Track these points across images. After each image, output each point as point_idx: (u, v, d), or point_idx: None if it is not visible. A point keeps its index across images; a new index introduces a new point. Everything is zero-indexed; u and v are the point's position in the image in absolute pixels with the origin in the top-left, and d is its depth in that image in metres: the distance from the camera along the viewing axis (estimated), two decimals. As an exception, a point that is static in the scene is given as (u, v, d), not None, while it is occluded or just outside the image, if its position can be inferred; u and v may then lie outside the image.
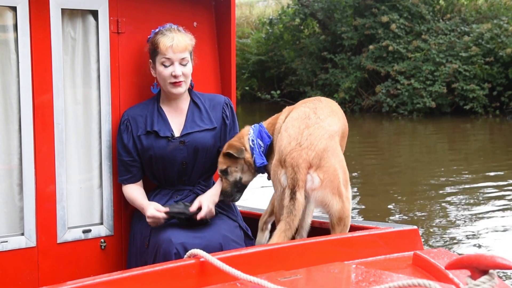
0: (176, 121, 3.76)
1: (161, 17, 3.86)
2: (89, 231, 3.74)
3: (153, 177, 3.80)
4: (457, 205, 8.73)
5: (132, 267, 3.52)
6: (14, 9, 3.47)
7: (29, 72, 3.51)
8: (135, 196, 3.73)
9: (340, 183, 3.29)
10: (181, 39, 3.66)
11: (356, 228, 3.44)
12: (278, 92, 19.79)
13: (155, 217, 3.58)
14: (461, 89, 17.09)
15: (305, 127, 3.32)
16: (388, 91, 17.91)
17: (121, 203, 3.83)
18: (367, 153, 12.80)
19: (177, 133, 3.74)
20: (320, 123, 3.34)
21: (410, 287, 2.27)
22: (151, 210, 3.59)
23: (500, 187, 9.61)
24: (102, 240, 3.78)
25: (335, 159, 3.30)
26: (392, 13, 18.31)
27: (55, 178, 3.61)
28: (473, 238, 7.26)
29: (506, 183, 9.83)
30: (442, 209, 8.54)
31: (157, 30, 3.72)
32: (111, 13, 3.74)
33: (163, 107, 3.78)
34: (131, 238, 3.79)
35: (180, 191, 3.77)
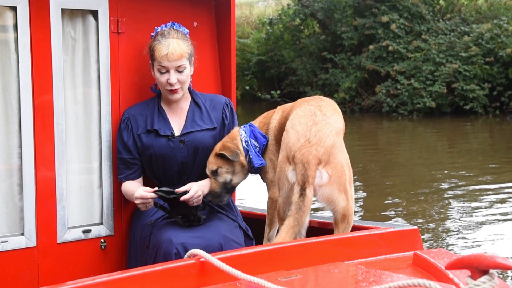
0: (176, 120, 3.77)
1: (161, 17, 3.85)
2: (89, 231, 3.74)
3: (153, 176, 3.80)
4: (457, 205, 8.73)
5: (132, 267, 3.52)
6: (14, 9, 3.47)
7: (29, 72, 3.51)
8: (128, 187, 3.71)
9: (346, 180, 3.30)
10: (176, 47, 3.61)
11: (356, 228, 3.44)
12: (278, 92, 19.78)
13: (143, 197, 3.54)
14: (461, 89, 17.08)
15: (313, 124, 3.32)
16: (388, 91, 17.91)
17: (121, 203, 3.83)
18: (367, 153, 12.79)
19: (177, 132, 3.74)
20: (326, 120, 3.34)
21: (410, 287, 2.27)
22: (139, 191, 3.57)
23: (500, 187, 9.61)
24: (102, 240, 3.79)
25: (342, 156, 3.32)
26: (392, 13, 18.30)
27: (55, 178, 3.61)
28: (473, 238, 7.26)
29: (506, 183, 9.82)
30: (442, 209, 8.54)
31: (157, 30, 3.72)
32: (111, 13, 3.74)
33: (164, 107, 3.78)
34: (131, 238, 3.79)
35: (180, 191, 3.76)
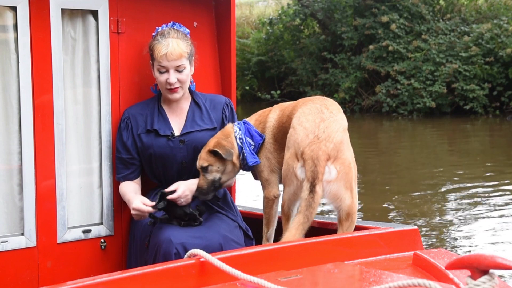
0: (176, 120, 3.77)
1: (161, 17, 3.85)
2: (89, 231, 3.74)
3: (153, 176, 3.80)
4: (457, 205, 8.73)
5: (132, 267, 3.52)
6: (14, 9, 3.47)
7: (29, 72, 3.51)
8: (126, 189, 3.71)
9: (352, 178, 3.31)
10: (176, 47, 3.62)
11: (356, 228, 3.43)
12: (278, 92, 19.79)
13: (140, 209, 3.55)
14: (461, 89, 17.09)
15: (321, 121, 3.32)
16: (388, 91, 17.91)
17: (121, 203, 3.82)
18: (367, 153, 12.79)
19: (177, 132, 3.74)
20: (334, 117, 3.35)
21: (410, 287, 2.27)
22: (137, 202, 3.57)
23: (500, 187, 9.61)
24: (102, 240, 3.79)
25: (349, 153, 3.34)
26: (392, 13, 18.30)
27: (55, 178, 3.61)
28: (473, 238, 7.26)
29: (506, 183, 9.82)
30: (442, 209, 8.54)
31: (158, 30, 3.72)
32: (111, 13, 3.74)
33: (164, 107, 3.78)
34: (131, 238, 3.79)
35: (180, 191, 3.76)
